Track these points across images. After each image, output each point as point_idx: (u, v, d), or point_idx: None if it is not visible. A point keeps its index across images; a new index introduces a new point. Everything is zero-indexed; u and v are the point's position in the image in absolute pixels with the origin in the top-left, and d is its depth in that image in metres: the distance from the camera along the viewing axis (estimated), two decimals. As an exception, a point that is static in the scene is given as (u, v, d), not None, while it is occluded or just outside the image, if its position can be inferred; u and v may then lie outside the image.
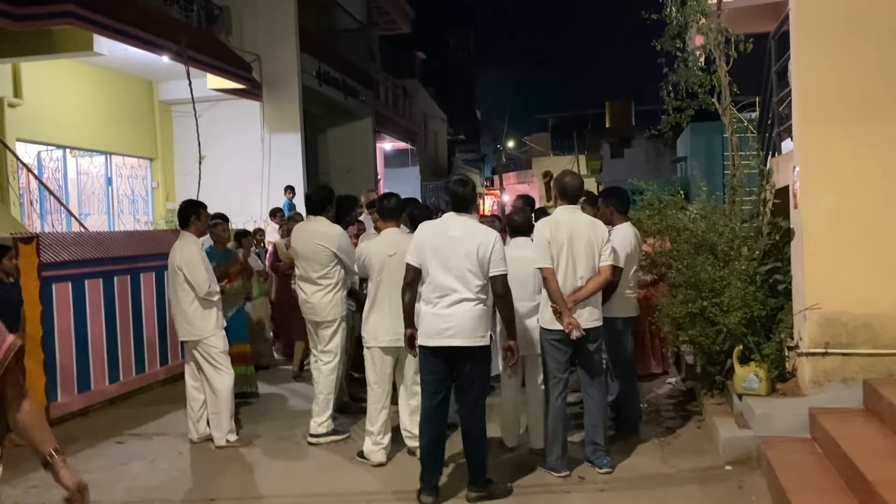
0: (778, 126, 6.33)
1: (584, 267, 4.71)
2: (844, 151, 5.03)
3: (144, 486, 4.96)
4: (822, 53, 5.11)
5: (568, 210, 4.83)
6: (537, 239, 4.76)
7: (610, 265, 4.81)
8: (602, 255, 4.77)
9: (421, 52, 32.31)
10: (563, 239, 4.68)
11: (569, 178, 4.95)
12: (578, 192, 4.95)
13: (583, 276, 4.70)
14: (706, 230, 5.92)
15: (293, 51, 13.94)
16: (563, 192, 4.87)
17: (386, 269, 5.03)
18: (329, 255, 5.58)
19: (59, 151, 11.59)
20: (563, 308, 4.60)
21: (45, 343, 6.29)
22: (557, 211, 4.88)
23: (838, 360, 5.03)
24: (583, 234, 4.73)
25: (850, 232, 4.99)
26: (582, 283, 4.69)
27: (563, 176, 4.98)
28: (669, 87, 7.45)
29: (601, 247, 4.77)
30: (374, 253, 5.13)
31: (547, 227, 4.73)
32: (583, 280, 4.70)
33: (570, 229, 4.71)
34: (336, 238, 5.60)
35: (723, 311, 5.45)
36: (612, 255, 4.85)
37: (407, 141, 24.98)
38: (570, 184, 4.88)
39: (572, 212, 4.83)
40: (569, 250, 4.68)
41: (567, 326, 4.59)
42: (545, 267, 4.66)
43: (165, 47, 10.15)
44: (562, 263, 4.68)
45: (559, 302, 4.61)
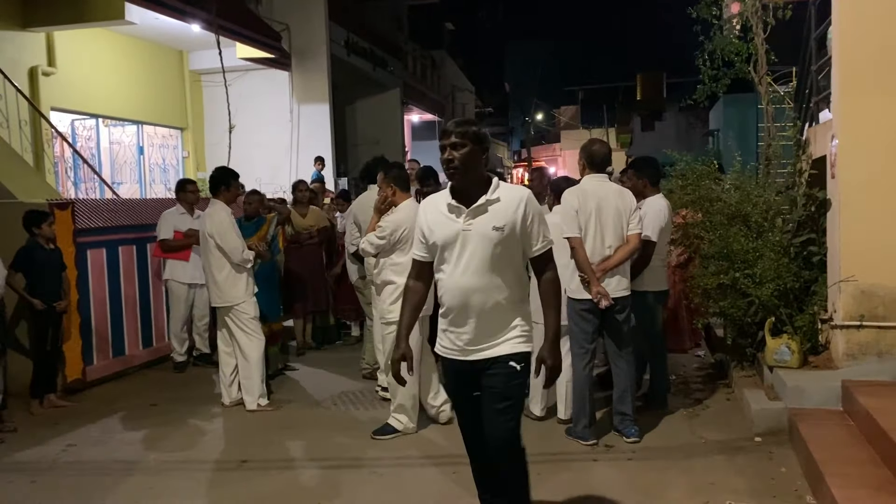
0: (816, 95, 6.19)
1: (613, 236, 4.68)
2: (884, 121, 4.90)
3: (178, 449, 5.07)
4: (865, 21, 4.97)
5: (595, 179, 4.77)
6: (564, 208, 4.72)
7: (638, 233, 4.77)
8: (630, 224, 4.74)
9: (450, 23, 31.99)
10: (591, 208, 4.65)
11: (597, 146, 4.87)
12: (606, 160, 4.87)
13: (611, 246, 4.67)
14: (740, 201, 5.83)
15: (322, 20, 13.88)
16: (591, 160, 4.80)
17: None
18: None
19: (91, 121, 11.72)
20: (591, 277, 4.58)
21: (81, 307, 6.42)
22: (585, 180, 4.81)
23: (873, 333, 4.95)
24: (611, 203, 4.69)
25: (888, 203, 4.88)
26: (610, 252, 4.67)
27: (590, 144, 4.91)
28: (705, 56, 7.33)
29: (629, 216, 4.74)
30: None
31: (575, 196, 4.69)
32: (611, 249, 4.67)
33: (598, 198, 4.67)
34: None
35: (755, 282, 5.39)
36: (640, 223, 4.81)
37: (434, 113, 24.86)
38: (597, 152, 4.81)
39: (600, 181, 4.77)
40: (597, 219, 4.65)
41: (595, 295, 4.58)
42: (573, 236, 4.64)
43: (195, 16, 10.17)
44: (590, 233, 4.65)
45: (587, 271, 4.59)
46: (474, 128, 3.02)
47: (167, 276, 7.11)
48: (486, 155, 3.04)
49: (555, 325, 3.05)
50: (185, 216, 7.03)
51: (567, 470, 4.42)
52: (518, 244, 2.99)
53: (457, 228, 2.98)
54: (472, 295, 2.98)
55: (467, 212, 2.98)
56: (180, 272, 7.05)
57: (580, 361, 4.77)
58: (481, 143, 3.01)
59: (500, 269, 2.98)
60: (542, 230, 3.02)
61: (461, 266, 2.98)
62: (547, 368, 3.04)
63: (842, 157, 5.02)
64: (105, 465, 4.73)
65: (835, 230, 5.12)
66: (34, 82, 10.04)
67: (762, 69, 6.66)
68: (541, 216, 3.02)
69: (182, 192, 7.17)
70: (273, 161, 13.29)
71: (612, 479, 4.31)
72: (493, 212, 2.96)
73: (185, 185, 7.27)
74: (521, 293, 3.08)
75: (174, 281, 7.08)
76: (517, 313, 3.05)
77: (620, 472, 4.42)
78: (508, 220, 2.94)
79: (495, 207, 2.96)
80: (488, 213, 2.96)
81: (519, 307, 3.06)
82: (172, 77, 13.18)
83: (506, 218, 2.94)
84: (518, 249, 3.01)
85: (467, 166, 2.98)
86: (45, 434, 5.32)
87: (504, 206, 2.96)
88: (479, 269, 2.96)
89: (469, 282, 2.98)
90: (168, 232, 6.95)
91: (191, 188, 7.22)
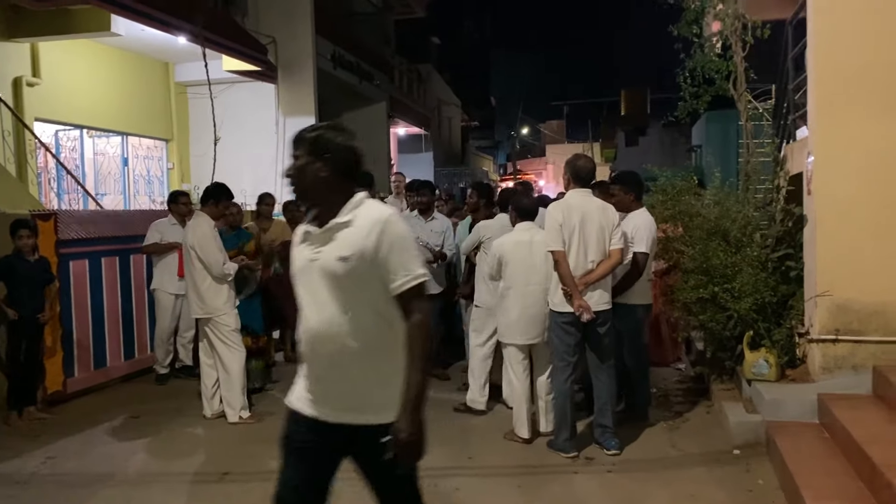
0: (793, 113, 6.30)
1: (595, 250, 4.74)
2: (859, 139, 5.02)
3: (159, 461, 5.05)
4: (840, 41, 5.09)
5: (580, 193, 4.85)
6: (549, 222, 4.78)
7: (620, 248, 4.85)
8: (612, 239, 4.81)
9: (436, 38, 32.19)
10: (575, 222, 4.72)
11: (582, 161, 4.96)
12: (590, 175, 4.97)
13: (593, 260, 4.74)
14: (719, 216, 5.92)
15: (308, 34, 13.91)
16: (576, 175, 4.88)
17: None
18: None
19: (76, 131, 11.66)
20: (573, 291, 4.64)
21: (63, 319, 6.39)
22: (569, 194, 4.89)
23: (848, 346, 5.04)
24: (594, 218, 4.77)
25: (863, 220, 4.99)
26: (592, 266, 4.74)
27: (575, 159, 4.99)
28: (686, 74, 7.44)
29: (612, 231, 4.82)
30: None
31: (559, 210, 4.76)
32: (593, 263, 4.74)
33: (582, 213, 4.75)
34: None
35: (734, 296, 5.47)
36: (621, 238, 4.89)
37: (421, 126, 24.93)
38: (582, 167, 4.90)
39: (584, 195, 4.85)
40: (580, 234, 4.72)
41: (577, 309, 4.63)
42: (557, 250, 4.70)
43: (182, 28, 10.16)
44: (573, 247, 4.71)
45: (570, 285, 4.64)
46: (312, 134, 2.46)
47: (155, 286, 7.10)
48: (343, 166, 2.45)
49: (416, 386, 2.32)
50: (176, 227, 7.02)
51: (548, 482, 4.46)
52: (377, 278, 2.37)
53: (305, 258, 2.46)
54: (321, 342, 2.41)
55: (314, 238, 2.45)
56: (168, 282, 7.04)
57: (561, 374, 4.81)
58: (320, 154, 2.41)
59: (354, 309, 2.37)
60: (406, 261, 2.37)
61: (309, 305, 2.44)
62: (398, 444, 2.30)
63: (818, 174, 5.13)
64: (85, 477, 4.71)
65: (811, 246, 5.21)
66: (18, 93, 9.99)
67: (741, 86, 6.78)
68: (404, 243, 2.39)
69: (174, 203, 7.19)
70: (258, 173, 13.25)
71: (593, 492, 4.36)
72: (342, 238, 2.38)
73: (177, 197, 7.27)
74: (387, 340, 2.40)
75: (162, 291, 7.07)
76: (383, 367, 2.40)
77: (601, 484, 4.46)
78: (356, 249, 2.35)
79: (345, 233, 2.39)
80: (336, 241, 2.39)
81: (385, 358, 2.40)
82: (158, 88, 13.16)
83: (354, 246, 2.35)
84: (378, 284, 2.38)
85: (305, 183, 2.44)
86: (25, 447, 5.28)
87: (354, 232, 2.38)
88: (326, 309, 2.39)
89: (317, 325, 2.41)
90: (153, 240, 6.96)
91: (183, 200, 7.23)
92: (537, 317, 5.07)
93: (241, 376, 5.73)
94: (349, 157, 2.48)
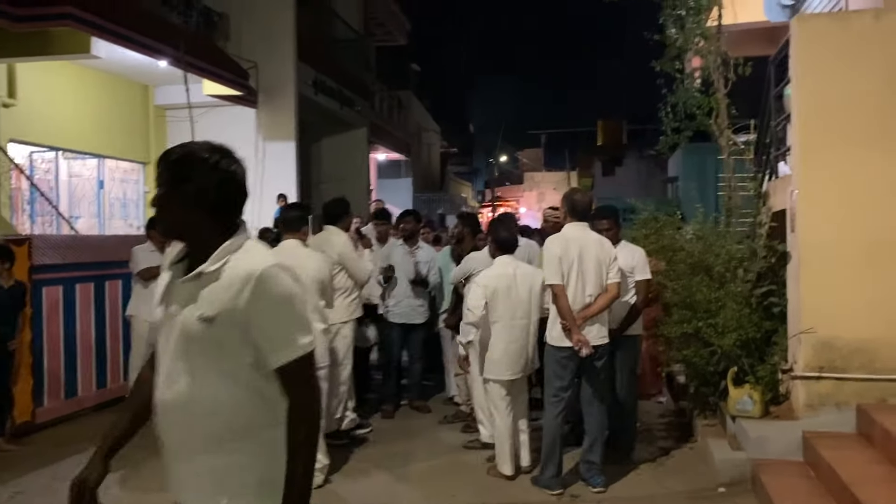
0: (775, 150, 6.38)
1: (593, 284, 4.74)
2: (842, 177, 5.07)
3: (132, 495, 4.89)
4: (822, 81, 5.16)
5: (577, 227, 4.85)
6: (548, 256, 4.76)
7: (617, 283, 4.86)
8: (610, 274, 4.80)
9: (415, 64, 32.41)
10: (574, 256, 4.70)
11: (578, 195, 5.00)
12: (587, 209, 4.98)
13: (591, 294, 4.73)
14: (703, 251, 5.94)
15: (291, 59, 13.92)
16: (573, 209, 4.90)
17: None
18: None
19: (51, 153, 11.51)
20: (572, 325, 4.59)
21: (34, 347, 6.22)
22: (567, 228, 4.89)
23: (832, 384, 5.04)
24: (592, 252, 4.76)
25: (847, 258, 5.02)
26: (590, 300, 4.72)
27: (572, 193, 5.03)
28: (668, 108, 7.51)
29: (609, 265, 4.81)
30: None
31: (557, 244, 4.75)
32: (591, 298, 4.73)
33: (580, 247, 4.74)
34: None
35: (718, 332, 5.46)
36: (619, 273, 4.88)
37: (400, 152, 24.99)
38: (579, 201, 4.93)
39: (581, 229, 4.86)
40: (579, 268, 4.70)
41: (577, 343, 4.58)
42: (556, 284, 4.67)
43: (163, 52, 10.11)
44: (572, 281, 4.69)
45: (569, 319, 4.60)
46: (176, 155, 1.92)
47: (131, 312, 6.90)
48: (214, 197, 1.88)
49: (300, 482, 1.86)
50: (155, 254, 6.84)
51: (533, 521, 4.38)
52: (250, 345, 1.86)
53: (165, 311, 1.96)
54: (171, 422, 1.93)
55: (177, 288, 1.94)
56: (145, 308, 6.86)
57: (553, 409, 4.76)
58: (183, 180, 1.87)
59: (216, 383, 1.88)
60: (286, 328, 1.87)
61: (162, 370, 1.95)
62: None
63: (801, 211, 5.17)
64: (54, 514, 4.54)
65: (795, 283, 5.24)
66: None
67: (723, 122, 6.85)
68: (285, 305, 1.87)
69: (152, 229, 6.94)
70: (236, 198, 13.15)
71: (579, 531, 4.28)
72: (207, 293, 1.86)
73: (155, 224, 7.10)
74: (255, 422, 1.90)
75: (137, 318, 6.89)
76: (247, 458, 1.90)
77: (587, 523, 4.39)
78: (224, 308, 1.83)
79: (213, 287, 1.86)
80: (200, 295, 1.87)
81: (251, 447, 1.90)
82: (137, 111, 13.05)
83: (221, 304, 1.84)
84: (250, 354, 1.87)
85: (168, 217, 1.94)
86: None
87: (223, 286, 1.85)
88: (179, 379, 1.90)
89: (167, 397, 1.92)
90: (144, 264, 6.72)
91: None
92: (521, 351, 5.03)
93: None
94: (223, 186, 1.90)
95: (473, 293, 5.08)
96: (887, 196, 4.99)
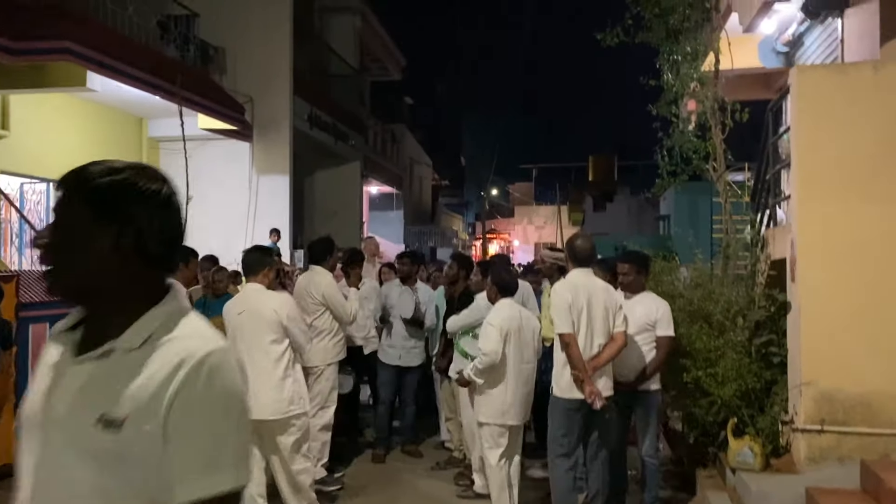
0: (774, 196, 6.37)
1: (601, 333, 4.65)
2: (844, 227, 5.04)
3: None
4: (822, 131, 5.16)
5: (582, 273, 4.75)
6: (558, 303, 4.61)
7: (623, 331, 4.77)
8: (616, 322, 4.72)
9: (409, 98, 32.63)
10: (583, 303, 4.59)
11: (580, 241, 4.88)
12: (589, 256, 4.86)
13: (600, 343, 4.63)
14: (702, 298, 5.88)
15: (286, 94, 13.96)
16: (574, 256, 4.80)
17: None
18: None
19: (42, 185, 11.41)
20: (585, 376, 4.46)
21: (19, 387, 6.06)
22: (573, 274, 4.79)
23: (834, 437, 4.96)
24: (599, 299, 4.67)
25: (849, 308, 4.97)
26: (598, 350, 4.61)
27: (574, 239, 4.93)
28: (664, 152, 7.53)
29: (615, 312, 4.72)
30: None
31: (567, 290, 4.63)
32: (599, 346, 4.62)
33: (588, 294, 4.64)
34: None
35: (717, 382, 5.39)
36: (624, 321, 4.80)
37: (393, 185, 25.03)
38: (580, 247, 4.82)
39: (586, 275, 4.76)
40: (588, 316, 4.60)
41: (590, 396, 4.45)
42: (568, 332, 4.53)
43: (159, 86, 10.09)
44: (582, 329, 4.58)
45: (582, 370, 4.47)
46: (99, 179, 1.35)
47: None
48: (146, 238, 1.34)
49: None
50: None
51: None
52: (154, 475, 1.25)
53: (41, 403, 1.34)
54: None
55: (69, 369, 1.34)
56: None
57: (562, 465, 4.63)
58: (106, 216, 1.33)
59: None
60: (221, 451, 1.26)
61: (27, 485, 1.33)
62: None
63: (801, 261, 5.13)
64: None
65: (795, 333, 5.18)
66: (-15, 145, 9.78)
67: (721, 167, 6.86)
68: (228, 416, 1.27)
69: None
70: (229, 231, 13.06)
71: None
72: (118, 381, 1.28)
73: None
74: None
75: None
76: None
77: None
78: (139, 408, 1.25)
79: (128, 373, 1.29)
80: (106, 383, 1.28)
81: None
82: (130, 143, 13.00)
83: (135, 402, 1.25)
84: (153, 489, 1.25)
85: (66, 263, 1.37)
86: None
87: (145, 374, 1.27)
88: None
89: None
90: None
91: None
92: (528, 396, 5.00)
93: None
94: (167, 228, 1.39)
95: (489, 336, 4.92)
96: (889, 248, 4.96)
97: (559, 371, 4.63)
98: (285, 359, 4.73)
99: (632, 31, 7.51)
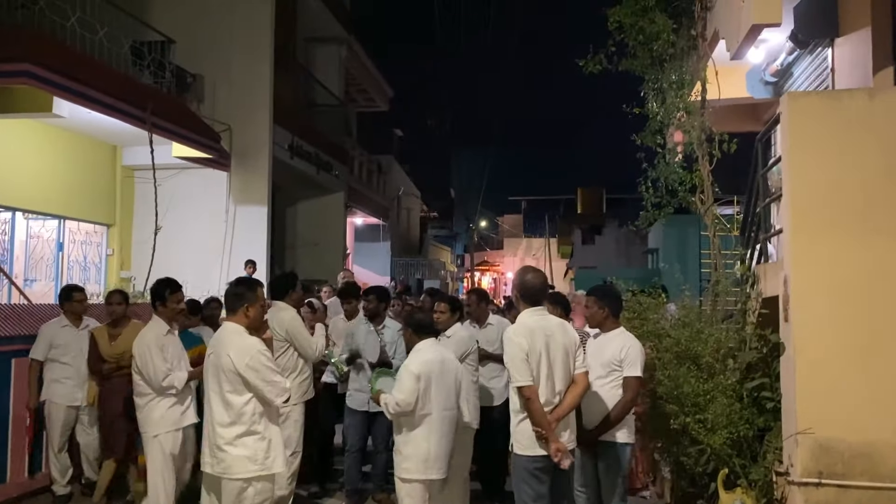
0: (764, 230, 6.05)
1: (562, 380, 4.18)
2: (839, 263, 4.71)
3: None
4: (814, 160, 4.86)
5: (535, 313, 4.22)
6: (512, 352, 4.10)
7: (585, 372, 4.30)
8: (576, 362, 4.25)
9: (398, 130, 32.52)
10: (540, 349, 4.10)
11: (529, 275, 4.29)
12: (540, 293, 4.27)
13: (560, 391, 4.16)
14: (689, 338, 5.52)
15: (266, 122, 13.67)
16: (523, 293, 4.25)
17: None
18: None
19: (8, 213, 11.01)
20: (549, 433, 4.00)
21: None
22: (524, 315, 4.25)
23: (833, 491, 4.57)
24: (558, 341, 4.18)
25: (848, 350, 4.62)
26: (559, 399, 4.15)
27: (523, 273, 4.32)
28: (649, 183, 7.24)
29: (575, 352, 4.26)
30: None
31: (522, 336, 4.10)
32: (560, 395, 4.15)
33: (546, 336, 4.15)
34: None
35: (707, 429, 5.01)
36: (585, 360, 4.36)
37: (379, 216, 24.71)
38: (530, 282, 4.25)
39: (539, 315, 4.23)
40: (547, 360, 4.12)
41: (556, 454, 3.99)
42: (527, 385, 4.02)
43: (129, 113, 9.76)
44: (541, 378, 4.09)
45: (546, 426, 4.00)
46: None
47: (45, 397, 6.28)
48: None
49: None
50: (69, 329, 6.29)
51: None
52: None
53: None
54: None
55: None
56: (60, 393, 6.26)
57: None
58: None
59: None
60: None
61: None
62: None
63: (795, 299, 4.78)
64: None
65: (790, 377, 4.81)
66: (-53, 172, 9.40)
67: (708, 200, 6.56)
68: None
69: (68, 301, 6.37)
70: (204, 262, 12.68)
71: None
72: None
73: (71, 294, 6.44)
74: None
75: (51, 401, 6.28)
76: None
77: None
78: None
79: None
80: None
81: None
82: (103, 171, 12.64)
83: None
84: None
85: None
86: None
87: None
88: None
89: None
90: (38, 352, 6.18)
91: (78, 297, 6.41)
92: (449, 447, 4.58)
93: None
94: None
95: (403, 383, 4.46)
96: (891, 284, 4.62)
97: (516, 424, 4.13)
98: (247, 413, 4.09)
99: (615, 59, 7.25)
